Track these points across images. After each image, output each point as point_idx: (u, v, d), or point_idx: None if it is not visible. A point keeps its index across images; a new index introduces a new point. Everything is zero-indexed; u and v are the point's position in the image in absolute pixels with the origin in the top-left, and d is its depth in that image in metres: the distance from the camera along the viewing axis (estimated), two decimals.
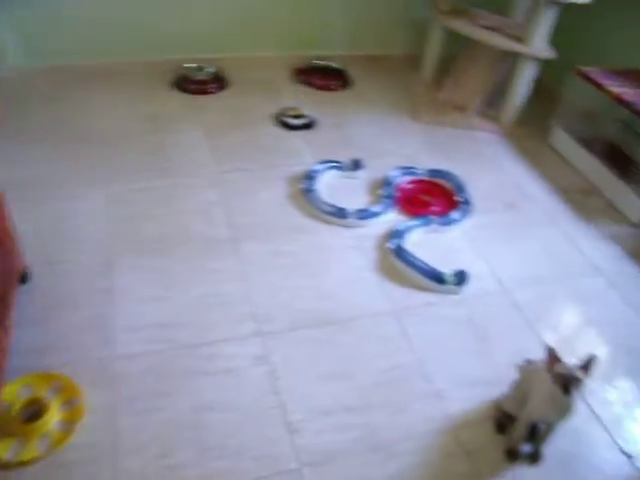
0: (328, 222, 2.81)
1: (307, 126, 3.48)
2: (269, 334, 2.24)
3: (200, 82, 3.74)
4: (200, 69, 3.77)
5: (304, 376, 2.12)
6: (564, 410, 1.81)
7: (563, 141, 3.68)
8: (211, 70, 3.79)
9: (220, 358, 2.13)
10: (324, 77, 3.97)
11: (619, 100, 3.19)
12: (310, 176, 3.00)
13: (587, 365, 1.72)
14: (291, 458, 1.88)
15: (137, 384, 2.02)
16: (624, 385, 2.33)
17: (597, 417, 2.17)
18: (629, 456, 2.06)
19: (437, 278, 2.52)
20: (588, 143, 3.49)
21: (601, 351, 2.46)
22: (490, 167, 3.46)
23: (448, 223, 2.87)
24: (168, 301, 2.32)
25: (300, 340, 2.24)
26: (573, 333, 2.52)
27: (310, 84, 3.94)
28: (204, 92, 3.67)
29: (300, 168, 3.12)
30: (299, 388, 2.08)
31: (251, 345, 2.20)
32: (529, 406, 1.87)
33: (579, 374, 1.71)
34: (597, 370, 1.75)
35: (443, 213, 2.93)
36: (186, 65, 3.81)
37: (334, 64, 4.11)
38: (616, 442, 2.10)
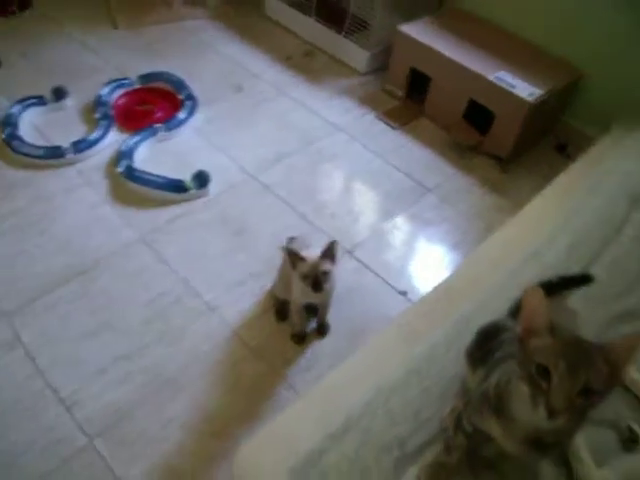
0: (45, 167, 2.45)
1: None
2: (12, 313, 1.94)
3: None
4: None
5: (64, 343, 1.88)
6: (323, 295, 1.75)
7: (276, 9, 3.53)
8: None
9: None
10: None
11: None
12: (9, 122, 2.57)
13: (329, 252, 1.65)
14: (77, 435, 1.68)
15: None
16: (386, 229, 2.37)
17: (367, 267, 2.19)
18: (404, 293, 2.11)
19: (177, 187, 2.33)
20: (301, 5, 3.37)
21: (362, 200, 2.48)
22: (209, 55, 3.24)
23: (176, 126, 2.65)
24: None
25: (48, 306, 1.97)
26: (333, 194, 2.50)
27: None
28: None
29: None
30: (63, 358, 1.84)
31: None
32: (293, 292, 1.80)
33: (324, 267, 1.64)
34: (339, 252, 1.68)
35: (168, 117, 2.68)
36: None
37: None
38: (391, 285, 2.14)
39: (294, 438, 1.11)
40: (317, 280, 1.62)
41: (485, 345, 1.08)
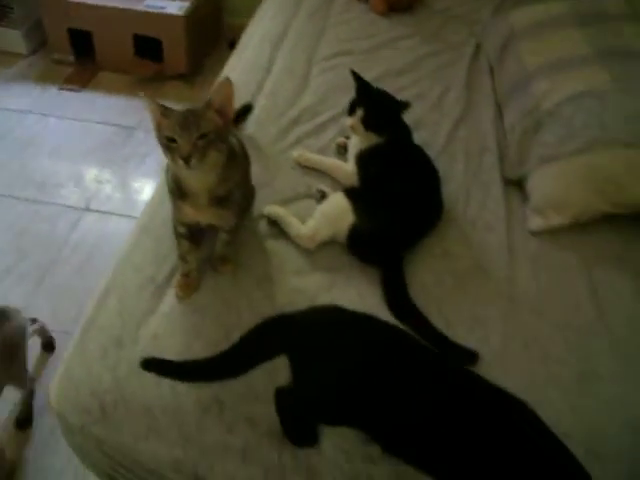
0: None
1: None
2: None
3: None
4: None
5: None
6: None
7: None
8: None
9: None
10: None
11: None
12: None
13: None
14: None
15: None
16: (111, 175, 2.50)
17: (107, 213, 2.32)
18: None
19: None
20: None
21: (79, 162, 2.56)
22: None
23: None
24: None
25: None
26: (49, 169, 2.53)
27: None
28: None
29: None
30: None
31: None
32: None
33: None
34: None
35: None
36: None
37: None
38: (135, 216, 2.28)
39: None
40: None
41: None
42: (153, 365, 1.06)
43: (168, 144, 1.06)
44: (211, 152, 1.06)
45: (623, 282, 1.42)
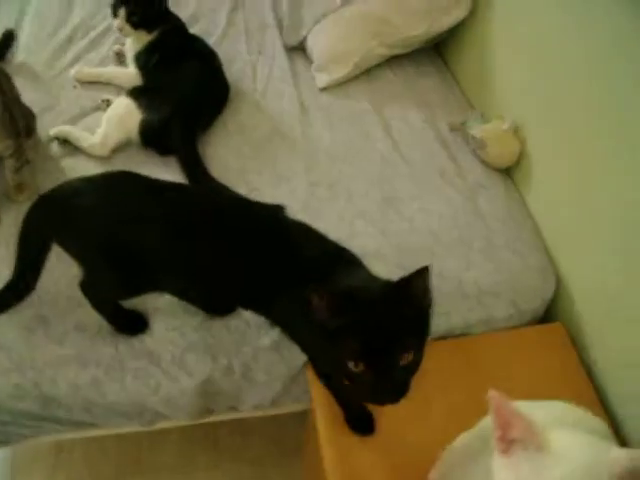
0: None
1: None
2: None
3: None
4: None
5: None
6: None
7: None
8: None
9: None
10: None
11: None
12: None
13: None
14: None
15: None
16: None
17: None
18: None
19: None
20: None
21: None
22: None
23: None
24: None
25: None
26: None
27: None
28: None
29: None
30: None
31: None
32: None
33: None
34: None
35: None
36: None
37: None
38: None
39: None
40: None
41: None
42: None
43: None
44: None
45: (410, 114, 1.53)
